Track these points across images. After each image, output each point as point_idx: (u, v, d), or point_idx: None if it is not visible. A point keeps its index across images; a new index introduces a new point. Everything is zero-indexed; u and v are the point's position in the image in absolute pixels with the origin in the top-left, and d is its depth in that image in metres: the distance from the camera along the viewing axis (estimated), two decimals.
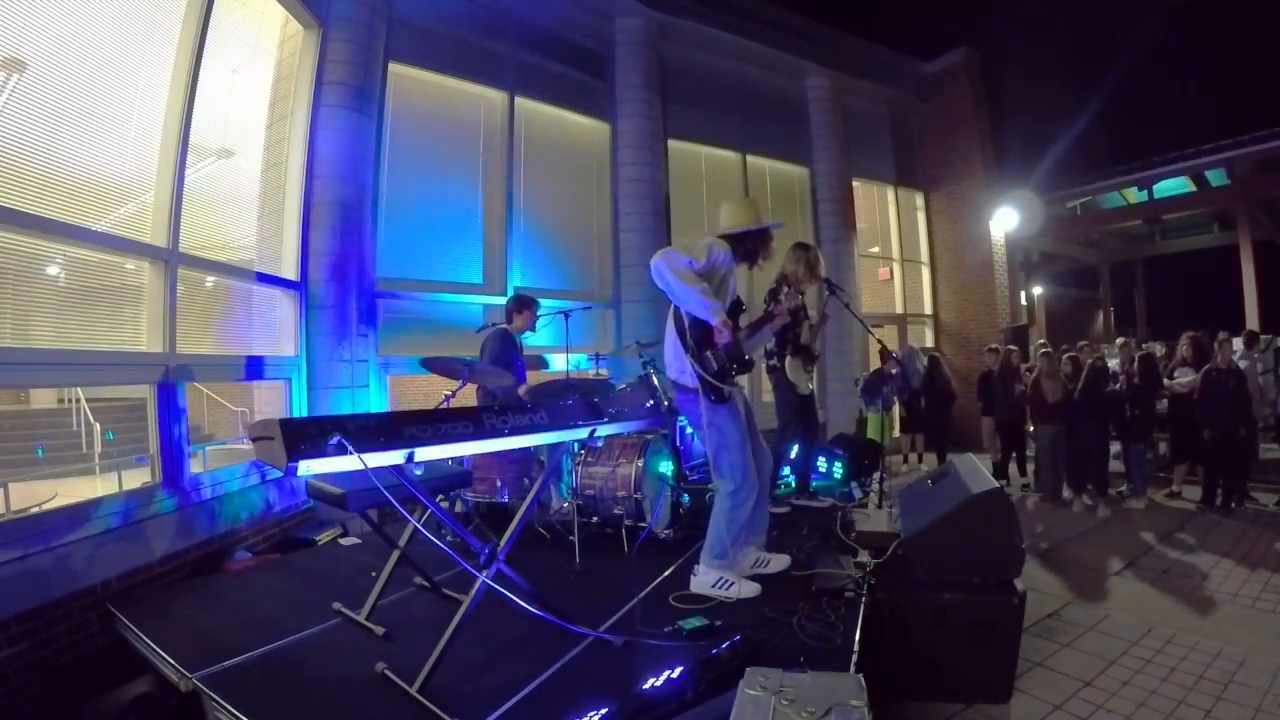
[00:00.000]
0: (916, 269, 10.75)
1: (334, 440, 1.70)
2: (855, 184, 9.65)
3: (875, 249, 10.93)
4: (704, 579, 2.94)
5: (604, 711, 1.89)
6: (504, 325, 4.43)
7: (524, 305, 4.52)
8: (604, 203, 7.39)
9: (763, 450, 3.16)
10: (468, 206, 6.34)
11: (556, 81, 7.05)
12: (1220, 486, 5.94)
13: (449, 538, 3.39)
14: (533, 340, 4.89)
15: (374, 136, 5.49)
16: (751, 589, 2.89)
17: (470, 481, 3.63)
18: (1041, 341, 6.69)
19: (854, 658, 2.25)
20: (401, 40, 5.85)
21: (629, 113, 7.39)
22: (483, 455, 3.77)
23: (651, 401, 4.37)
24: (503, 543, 2.29)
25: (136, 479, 4.88)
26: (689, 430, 4.87)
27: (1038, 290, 17.53)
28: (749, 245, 3.03)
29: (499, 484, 3.86)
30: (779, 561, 3.16)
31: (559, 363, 5.80)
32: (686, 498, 4.16)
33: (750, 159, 8.67)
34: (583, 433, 2.44)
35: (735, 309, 3.00)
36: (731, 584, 2.89)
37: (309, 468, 1.70)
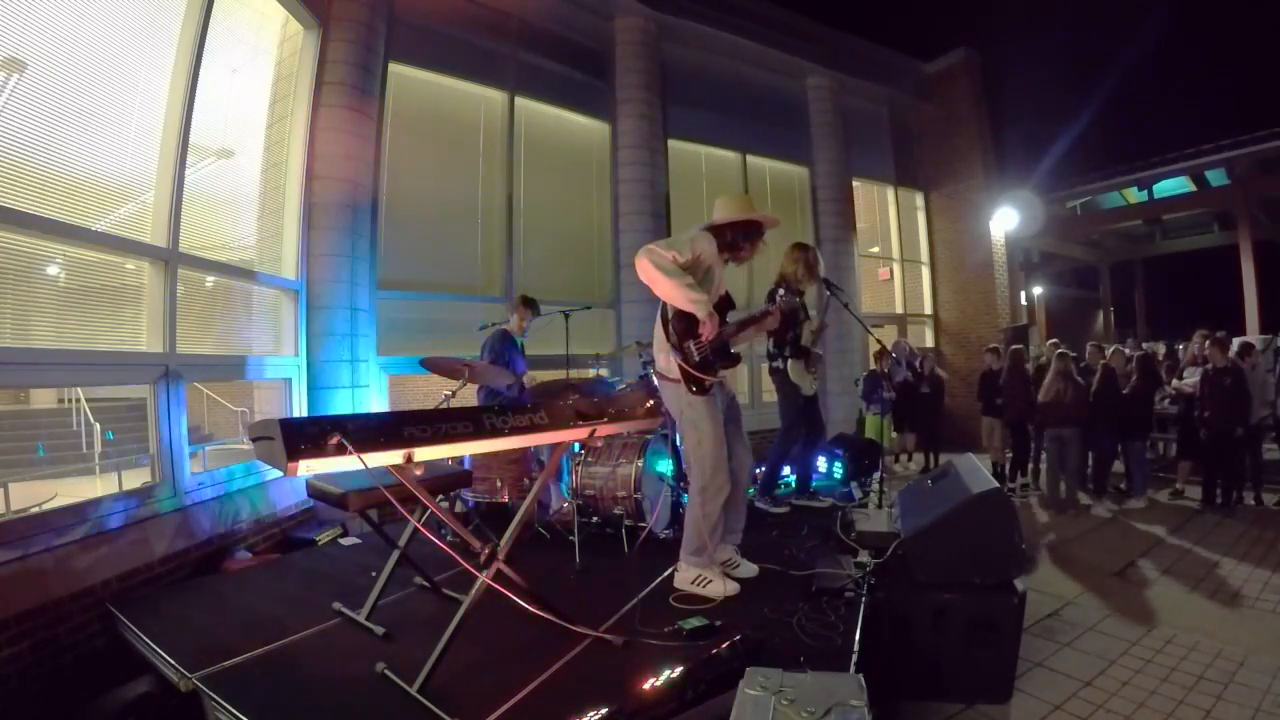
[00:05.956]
0: (916, 269, 10.75)
1: (334, 440, 1.70)
2: (855, 184, 9.65)
3: (875, 249, 10.93)
4: (684, 574, 2.95)
5: (604, 711, 1.89)
6: (504, 325, 4.49)
7: (523, 306, 4.61)
8: (604, 203, 7.38)
9: (745, 449, 3.13)
10: (468, 207, 6.34)
11: (556, 81, 7.04)
12: (1220, 486, 5.94)
13: (449, 538, 3.39)
14: (533, 341, 4.90)
15: (374, 136, 5.48)
16: (730, 587, 2.87)
17: (470, 481, 3.62)
18: (1053, 341, 6.60)
19: (854, 658, 2.25)
20: (401, 40, 5.84)
21: (629, 113, 7.39)
22: (483, 455, 3.78)
23: (651, 401, 4.36)
24: (503, 543, 2.29)
25: (136, 479, 4.89)
26: None
27: (1038, 290, 17.57)
28: (731, 235, 2.97)
29: (499, 484, 3.86)
30: (747, 569, 3.09)
31: (559, 363, 5.80)
32: (686, 498, 4.16)
33: (750, 159, 8.67)
34: (583, 433, 2.44)
35: (725, 305, 2.99)
36: (709, 581, 2.88)
37: (309, 468, 1.70)
